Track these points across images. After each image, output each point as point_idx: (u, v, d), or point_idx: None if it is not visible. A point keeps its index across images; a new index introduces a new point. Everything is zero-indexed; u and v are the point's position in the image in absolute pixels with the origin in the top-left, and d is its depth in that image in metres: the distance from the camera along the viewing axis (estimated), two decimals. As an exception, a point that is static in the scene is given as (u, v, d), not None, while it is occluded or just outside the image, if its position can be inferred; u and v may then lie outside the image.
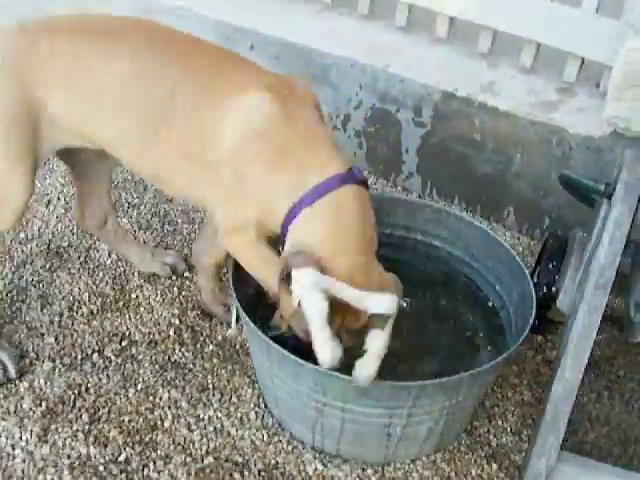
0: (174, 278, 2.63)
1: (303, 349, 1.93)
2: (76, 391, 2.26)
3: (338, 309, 1.87)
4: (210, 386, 2.31)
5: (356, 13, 3.23)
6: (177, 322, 2.49)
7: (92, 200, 2.50)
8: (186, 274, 2.65)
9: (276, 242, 2.05)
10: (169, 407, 2.24)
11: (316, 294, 1.83)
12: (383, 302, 1.88)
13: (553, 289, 2.39)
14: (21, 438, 2.13)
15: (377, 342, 1.88)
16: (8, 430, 2.14)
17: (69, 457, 2.09)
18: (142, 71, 2.05)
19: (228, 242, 2.11)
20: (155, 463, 2.10)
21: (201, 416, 2.22)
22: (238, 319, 2.33)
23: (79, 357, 2.36)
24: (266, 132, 1.99)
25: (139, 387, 2.29)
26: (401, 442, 2.09)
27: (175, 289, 2.60)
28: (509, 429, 2.29)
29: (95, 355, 2.37)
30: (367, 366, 1.87)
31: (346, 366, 1.96)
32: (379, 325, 1.88)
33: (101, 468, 2.07)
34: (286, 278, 1.88)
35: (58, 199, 2.93)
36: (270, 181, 1.99)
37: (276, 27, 3.14)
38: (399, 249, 2.51)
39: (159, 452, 2.13)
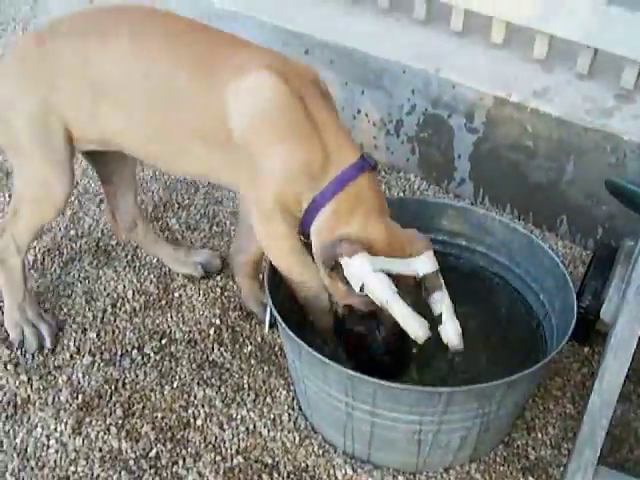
0: (217, 278, 2.64)
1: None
2: (113, 386, 2.28)
3: None
4: (245, 386, 2.30)
5: (412, 18, 3.20)
6: (218, 322, 2.50)
7: (120, 203, 2.53)
8: (231, 273, 2.66)
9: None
10: (203, 405, 2.24)
11: (379, 275, 1.90)
12: (427, 261, 1.99)
13: (601, 299, 2.32)
14: (56, 429, 2.16)
15: (445, 301, 1.97)
16: (44, 421, 2.17)
17: (101, 450, 2.11)
18: (138, 59, 2.06)
19: (260, 233, 2.12)
20: (185, 460, 2.10)
21: (234, 416, 2.22)
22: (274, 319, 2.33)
23: (119, 353, 2.38)
24: (273, 112, 1.98)
25: (175, 385, 2.30)
26: (433, 450, 2.05)
27: (218, 289, 2.61)
28: (549, 442, 2.22)
29: (134, 351, 2.39)
30: (452, 326, 1.95)
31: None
32: (435, 284, 1.98)
33: (131, 462, 2.09)
34: (336, 267, 1.95)
35: (110, 198, 2.97)
36: (286, 166, 1.99)
37: (331, 32, 3.13)
38: (442, 254, 2.46)
39: (189, 450, 2.13)
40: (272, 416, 2.22)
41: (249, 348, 2.42)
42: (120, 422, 2.18)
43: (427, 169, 3.10)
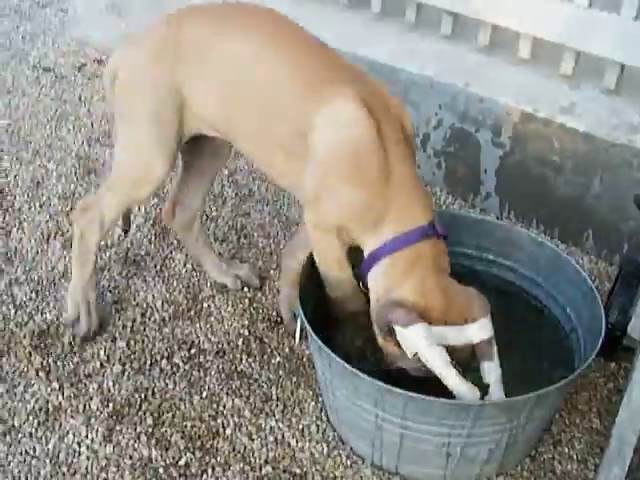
0: (245, 290, 2.67)
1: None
2: (142, 395, 2.30)
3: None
4: (274, 397, 2.32)
5: (439, 34, 3.23)
6: (246, 333, 2.52)
7: (187, 197, 2.56)
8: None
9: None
10: (232, 415, 2.26)
11: (434, 347, 1.93)
12: (482, 328, 2.01)
13: (628, 315, 2.33)
14: (87, 437, 2.18)
15: (494, 372, 2.00)
16: (75, 428, 2.20)
17: (131, 458, 2.14)
18: (258, 65, 2.11)
19: (312, 237, 2.17)
20: (214, 469, 2.12)
21: (263, 426, 2.24)
22: (303, 331, 2.35)
23: (148, 362, 2.41)
24: (355, 153, 2.01)
25: (204, 394, 2.32)
26: (460, 462, 2.06)
27: (246, 300, 2.63)
28: (575, 456, 2.22)
29: (164, 361, 2.41)
30: (498, 397, 1.98)
31: (407, 380, 1.98)
32: (487, 353, 2.00)
33: (161, 470, 2.11)
34: (390, 331, 1.98)
35: (139, 209, 3.00)
36: (347, 205, 2.04)
37: (358, 46, 3.17)
38: (469, 269, 2.48)
39: (219, 459, 2.15)
40: (301, 427, 2.24)
41: (277, 359, 2.44)
42: (150, 430, 2.21)
43: (453, 183, 3.13)
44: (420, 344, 1.92)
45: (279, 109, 2.10)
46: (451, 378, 1.92)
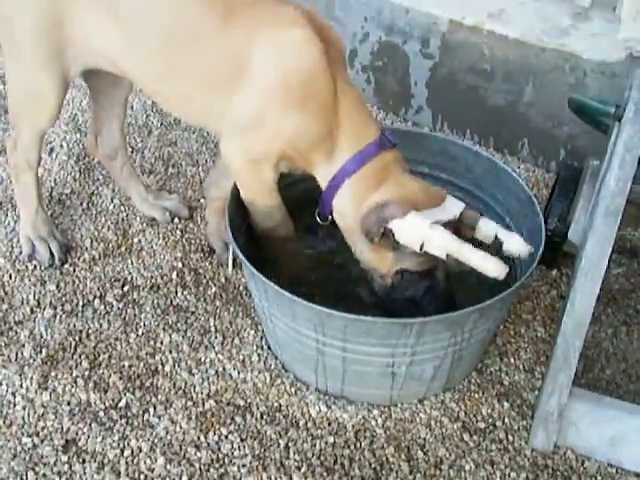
0: (176, 221, 2.58)
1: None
2: (77, 337, 2.22)
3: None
4: (212, 329, 2.26)
5: (361, -57, 3.11)
6: (180, 265, 2.44)
7: (104, 127, 2.48)
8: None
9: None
10: (170, 351, 2.20)
11: (437, 227, 1.87)
12: (454, 202, 1.99)
13: (567, 221, 2.31)
14: (21, 386, 2.10)
15: (491, 224, 1.98)
16: (9, 378, 2.11)
17: (69, 404, 2.06)
18: None
19: (239, 169, 2.09)
20: (155, 408, 2.06)
21: (202, 359, 2.18)
22: (236, 259, 2.28)
23: (80, 303, 2.32)
24: (305, 76, 1.93)
25: (140, 332, 2.25)
26: (407, 381, 2.03)
27: (178, 232, 2.55)
28: (522, 367, 2.21)
29: (96, 301, 2.33)
30: (514, 238, 1.95)
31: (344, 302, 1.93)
32: (474, 216, 1.98)
33: (101, 414, 2.04)
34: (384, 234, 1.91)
35: (61, 147, 2.87)
36: (296, 131, 1.97)
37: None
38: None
39: (159, 397, 2.09)
40: (241, 357, 2.19)
41: (213, 290, 2.37)
42: (87, 374, 2.13)
43: (383, 98, 3.05)
44: (424, 229, 1.86)
45: (196, 40, 1.98)
46: (470, 251, 1.86)
